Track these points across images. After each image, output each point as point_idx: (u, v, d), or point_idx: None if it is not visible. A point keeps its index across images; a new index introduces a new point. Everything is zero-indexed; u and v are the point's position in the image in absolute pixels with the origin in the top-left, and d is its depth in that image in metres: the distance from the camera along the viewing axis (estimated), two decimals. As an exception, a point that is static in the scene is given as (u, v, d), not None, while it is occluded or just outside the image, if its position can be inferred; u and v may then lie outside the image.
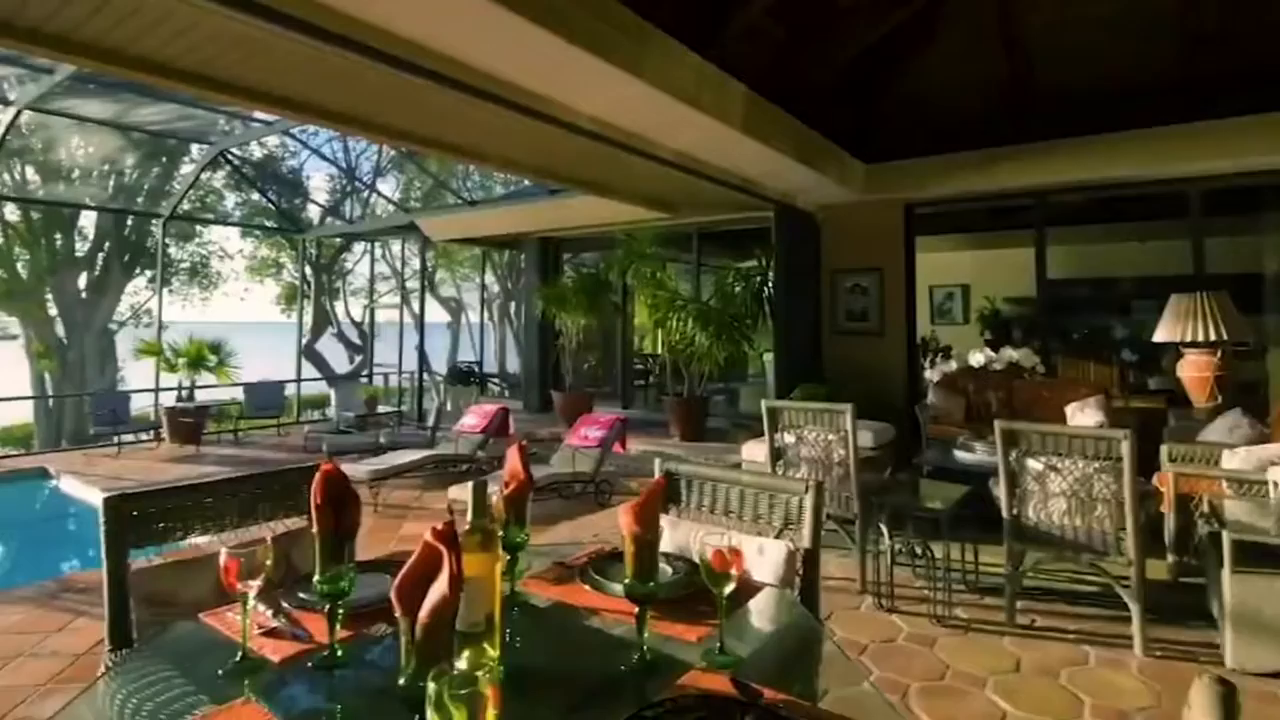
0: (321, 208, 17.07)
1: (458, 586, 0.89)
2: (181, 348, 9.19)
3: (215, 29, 3.79)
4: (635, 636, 1.32)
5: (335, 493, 1.27)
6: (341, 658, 1.24)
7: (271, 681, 1.20)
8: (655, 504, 1.25)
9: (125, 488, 5.51)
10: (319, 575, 1.24)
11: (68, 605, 3.69)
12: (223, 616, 1.41)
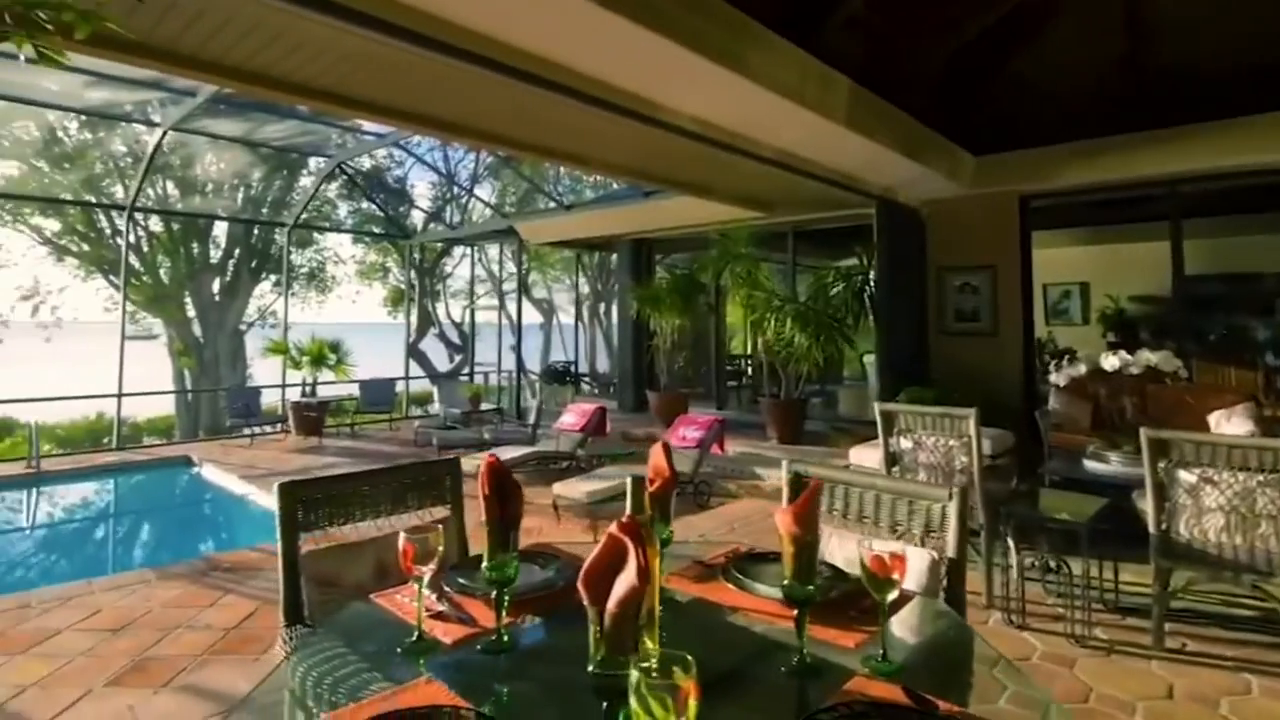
0: (425, 213, 17.93)
1: (646, 578, 0.91)
2: (305, 347, 9.88)
3: (345, 48, 4.05)
4: (785, 638, 1.31)
5: (499, 483, 1.33)
6: (507, 642, 1.29)
7: (446, 662, 1.26)
8: (815, 505, 1.23)
9: (259, 474, 5.97)
10: (487, 562, 1.29)
11: (216, 583, 4.03)
12: (392, 598, 1.50)
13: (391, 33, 3.39)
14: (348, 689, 1.26)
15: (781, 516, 1.22)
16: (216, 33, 3.95)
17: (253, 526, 5.94)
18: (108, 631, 3.37)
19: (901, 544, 1.79)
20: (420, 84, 4.74)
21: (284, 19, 3.59)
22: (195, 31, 3.90)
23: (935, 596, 1.70)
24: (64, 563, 5.78)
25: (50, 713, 2.63)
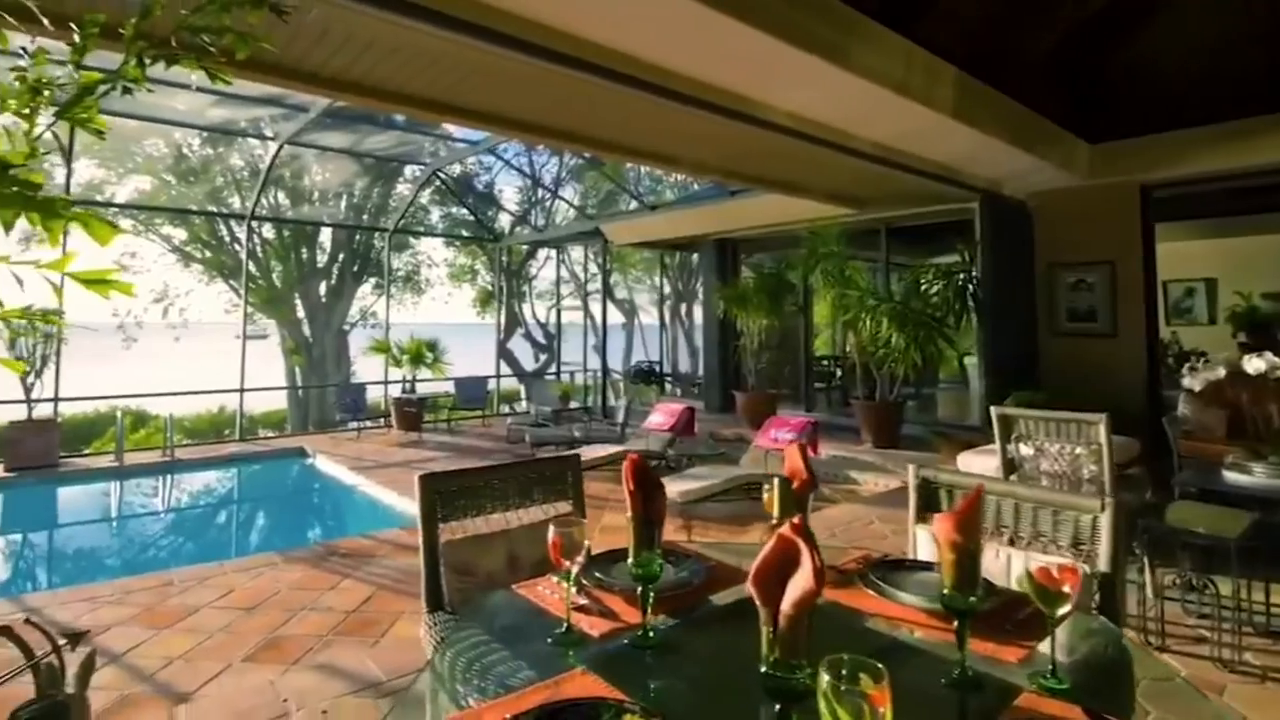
0: (513, 216, 18.44)
1: (822, 580, 0.89)
2: (404, 346, 10.36)
3: (452, 59, 4.21)
4: (935, 648, 1.26)
5: (643, 480, 1.34)
6: (654, 639, 1.30)
7: (596, 655, 1.28)
8: (978, 512, 1.18)
9: (367, 465, 6.28)
10: (632, 559, 1.31)
11: (335, 568, 4.28)
12: (533, 588, 1.54)
13: (495, 40, 3.49)
14: (496, 676, 1.30)
15: (941, 524, 1.17)
16: (337, 50, 4.19)
17: (362, 515, 6.28)
18: (242, 610, 3.63)
19: (1045, 556, 1.70)
20: (517, 90, 4.87)
21: (397, 33, 3.76)
22: (319, 50, 4.15)
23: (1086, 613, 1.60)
24: (191, 544, 6.28)
25: (196, 684, 2.85)
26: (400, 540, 4.81)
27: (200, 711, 2.41)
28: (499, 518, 1.94)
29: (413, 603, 3.71)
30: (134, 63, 1.75)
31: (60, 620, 3.41)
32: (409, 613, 3.58)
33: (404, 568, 4.25)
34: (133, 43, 1.72)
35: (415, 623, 3.45)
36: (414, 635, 3.30)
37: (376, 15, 3.28)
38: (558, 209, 19.02)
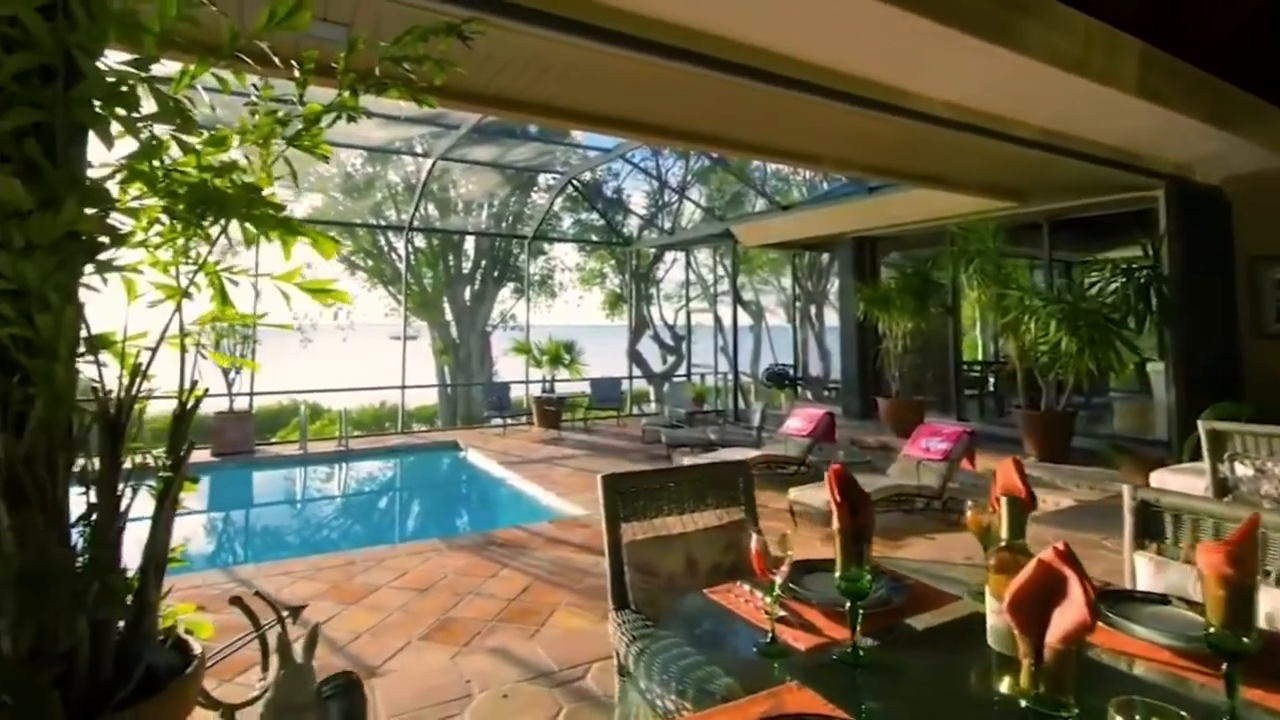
0: (641, 220, 18.75)
1: (1095, 612, 0.82)
2: (544, 347, 10.83)
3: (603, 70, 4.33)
4: (1189, 690, 1.13)
5: (849, 490, 1.30)
6: (863, 657, 1.26)
7: (804, 669, 1.26)
8: (1253, 544, 1.04)
9: (514, 460, 6.60)
10: (840, 573, 1.28)
11: (494, 557, 4.53)
12: (726, 595, 1.55)
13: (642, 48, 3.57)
14: (694, 680, 1.31)
15: (1209, 555, 1.04)
16: (500, 71, 4.44)
17: (512, 507, 6.62)
18: (415, 591, 3.93)
19: None
20: (660, 95, 4.93)
21: (554, 50, 3.92)
22: (485, 70, 4.42)
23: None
24: (365, 527, 6.88)
25: (381, 658, 3.12)
26: (549, 534, 5.02)
27: (391, 685, 2.63)
28: (675, 520, 1.96)
29: (567, 595, 3.86)
30: (349, 93, 1.93)
31: (264, 591, 3.85)
32: (564, 605, 3.73)
33: (556, 560, 4.44)
34: (345, 75, 1.90)
35: (571, 614, 3.59)
36: (572, 626, 3.43)
37: (540, 35, 3.45)
38: (683, 211, 19.15)
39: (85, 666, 1.52)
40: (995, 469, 1.48)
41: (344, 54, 1.83)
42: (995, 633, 1.18)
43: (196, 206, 1.72)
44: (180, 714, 1.70)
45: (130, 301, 1.88)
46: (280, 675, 1.87)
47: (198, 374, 1.91)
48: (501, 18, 3.14)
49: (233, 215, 1.76)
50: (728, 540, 1.97)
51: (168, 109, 1.54)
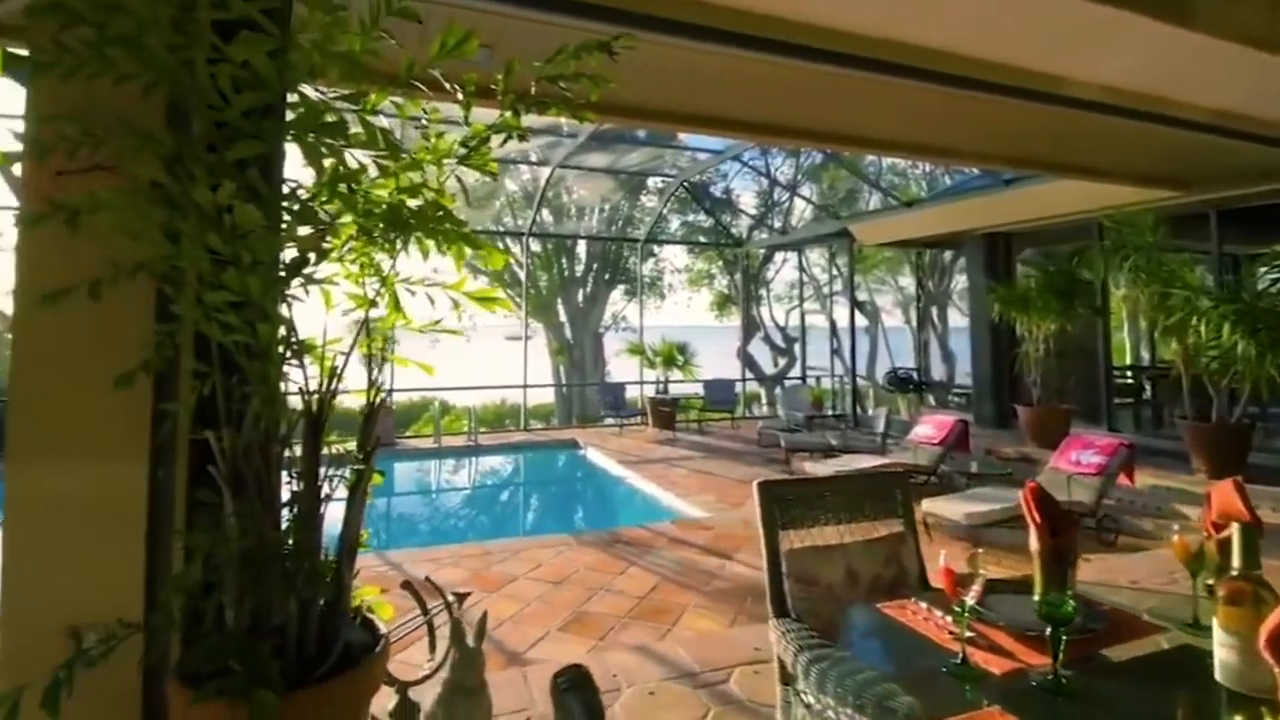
0: (752, 219, 18.55)
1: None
2: (657, 348, 10.95)
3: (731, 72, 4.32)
4: None
5: (1049, 509, 1.24)
6: (1066, 685, 1.19)
7: (1002, 694, 1.21)
8: None
9: (632, 460, 6.70)
10: (1039, 596, 1.21)
11: (621, 554, 4.63)
12: (901, 611, 1.51)
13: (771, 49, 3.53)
14: (873, 696, 1.29)
15: None
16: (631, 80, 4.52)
17: (633, 506, 6.75)
18: (550, 583, 4.08)
19: None
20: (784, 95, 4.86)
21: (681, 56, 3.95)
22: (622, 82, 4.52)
23: None
24: (496, 518, 7.22)
25: (523, 646, 3.27)
26: (672, 534, 5.07)
27: (542, 675, 2.74)
28: (832, 530, 1.93)
29: (695, 596, 3.88)
30: (510, 113, 2.03)
31: (413, 576, 4.13)
32: (693, 606, 3.76)
33: (681, 561, 4.47)
34: (505, 96, 2.00)
35: (701, 616, 3.61)
36: (704, 629, 3.45)
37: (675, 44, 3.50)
38: (794, 209, 18.76)
39: (294, 640, 1.69)
40: (1209, 491, 1.36)
41: (502, 75, 1.94)
42: (1228, 669, 1.09)
43: (388, 223, 1.87)
44: (371, 689, 1.86)
45: (328, 311, 2.08)
46: (454, 658, 2.01)
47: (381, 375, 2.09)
48: (646, 31, 3.22)
49: (420, 231, 1.90)
50: (888, 552, 1.92)
51: (373, 137, 1.70)
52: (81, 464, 1.89)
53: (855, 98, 4.86)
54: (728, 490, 6.42)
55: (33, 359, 1.87)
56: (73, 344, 1.88)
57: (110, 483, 1.89)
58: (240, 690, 1.51)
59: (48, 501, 1.85)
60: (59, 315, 1.85)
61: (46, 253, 1.82)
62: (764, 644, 2.96)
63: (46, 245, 1.82)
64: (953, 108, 4.92)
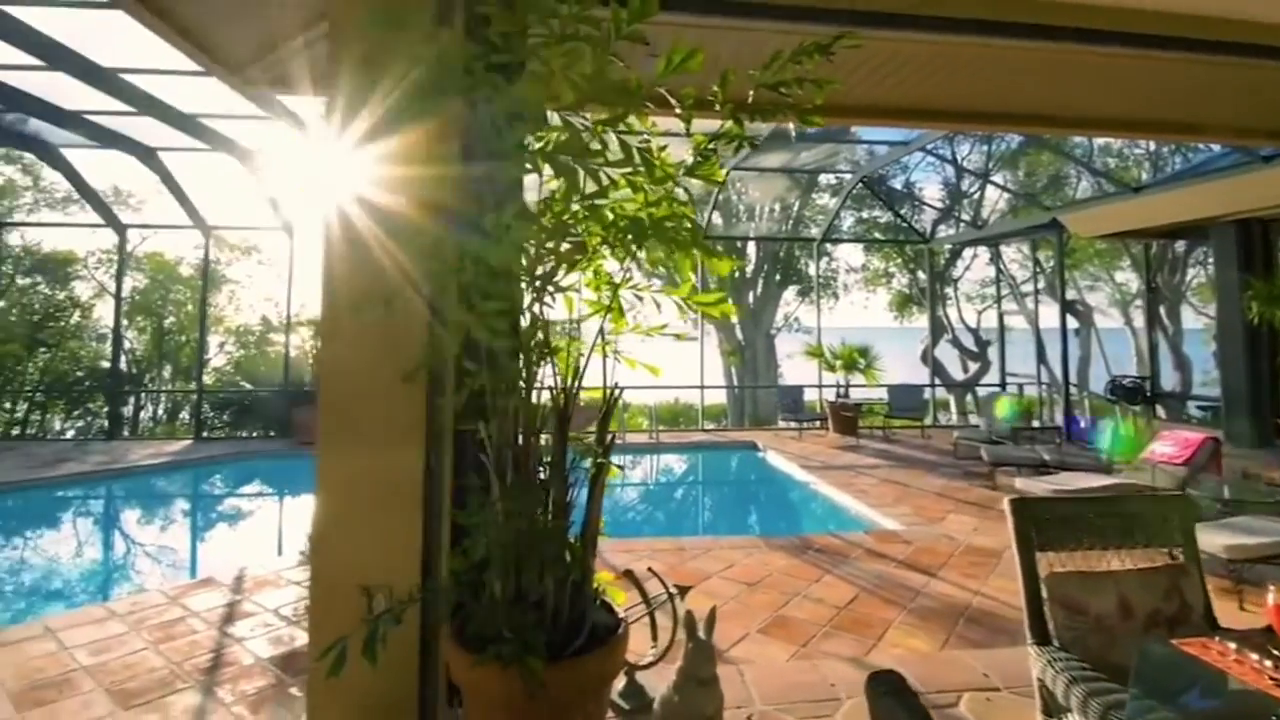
0: (937, 212, 17.34)
1: None
2: (837, 350, 10.58)
3: (945, 58, 4.07)
4: None
5: None
6: None
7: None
8: None
9: (815, 465, 6.53)
10: None
11: (813, 561, 4.54)
12: (1205, 650, 1.35)
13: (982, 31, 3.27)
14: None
15: None
16: (867, 77, 4.42)
17: (819, 513, 6.58)
18: (745, 584, 4.10)
19: None
20: (996, 79, 4.49)
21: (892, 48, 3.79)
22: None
23: None
24: (663, 515, 7.37)
25: (724, 645, 3.30)
26: (867, 544, 4.88)
27: (756, 674, 2.77)
28: (1097, 555, 1.76)
29: (899, 613, 3.71)
30: (732, 123, 2.06)
31: (614, 567, 4.34)
32: (898, 622, 3.59)
33: (879, 574, 4.29)
34: (724, 106, 2.03)
35: (908, 634, 3.44)
36: (914, 647, 3.28)
37: (885, 37, 3.37)
38: (985, 201, 17.23)
39: (549, 616, 1.86)
40: None
41: (718, 86, 1.98)
42: None
43: (634, 235, 1.99)
44: (616, 666, 1.99)
45: (570, 314, 2.27)
46: (688, 649, 2.10)
47: (612, 374, 2.23)
48: (858, 27, 3.14)
49: (659, 239, 2.00)
50: (1168, 584, 1.71)
51: (630, 156, 1.82)
52: (372, 450, 2.20)
53: (1073, 74, 4.38)
54: (924, 503, 6.05)
55: (337, 360, 2.20)
56: (368, 347, 2.20)
57: (394, 466, 2.19)
58: (513, 657, 1.69)
59: (347, 481, 2.18)
60: (358, 323, 2.19)
61: (349, 268, 2.15)
62: (994, 670, 2.77)
63: (348, 262, 2.15)
64: (1203, 77, 4.27)
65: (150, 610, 3.75)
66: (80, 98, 6.80)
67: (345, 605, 2.10)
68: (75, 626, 3.54)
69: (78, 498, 7.52)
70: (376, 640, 1.70)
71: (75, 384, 14.26)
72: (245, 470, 8.93)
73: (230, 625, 3.57)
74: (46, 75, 6.15)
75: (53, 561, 5.86)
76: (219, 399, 13.06)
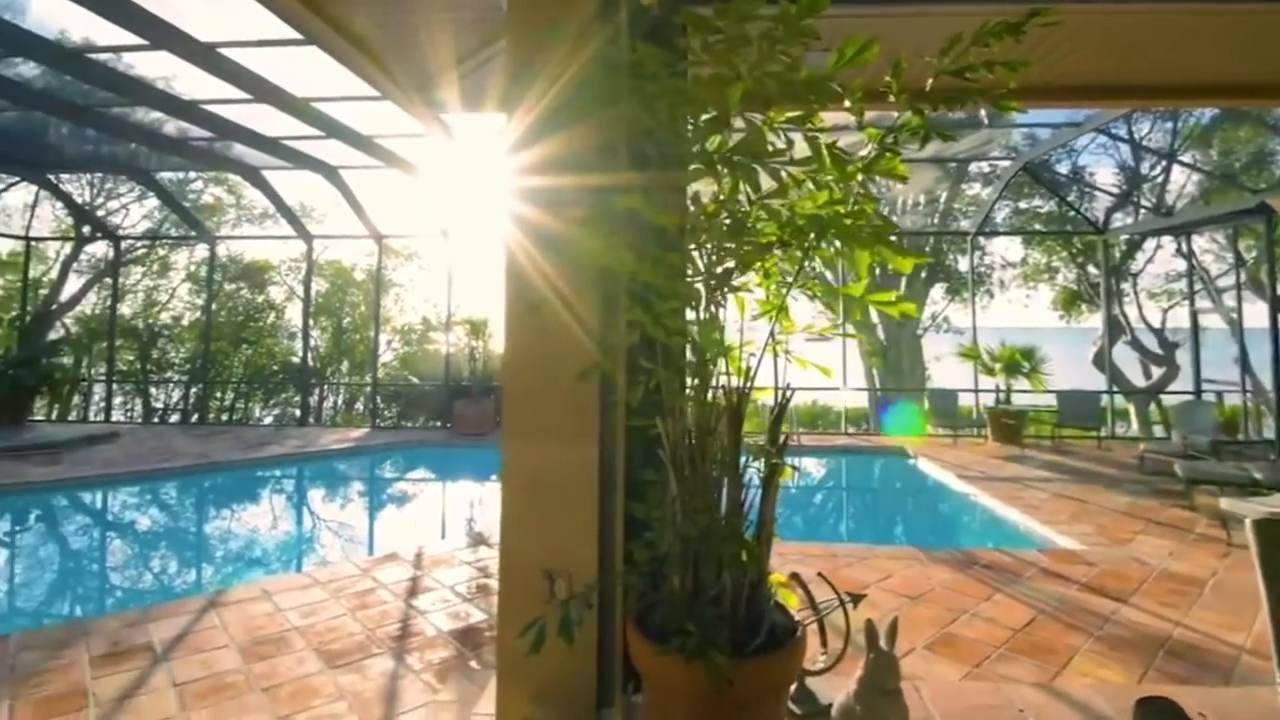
0: (1112, 199, 15.62)
1: None
2: (995, 353, 9.80)
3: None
4: None
5: None
6: None
7: None
8: None
9: (974, 476, 6.08)
10: None
11: (980, 577, 4.24)
12: None
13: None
14: None
15: None
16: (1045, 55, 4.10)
17: (981, 527, 6.15)
18: (906, 597, 3.92)
19: None
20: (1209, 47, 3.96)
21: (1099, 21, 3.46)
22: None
23: None
24: (804, 519, 7.16)
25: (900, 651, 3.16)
26: (1042, 564, 4.49)
27: (934, 694, 2.64)
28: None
29: (1085, 640, 3.39)
30: (910, 113, 1.96)
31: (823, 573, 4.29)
32: (1085, 650, 3.28)
33: (1059, 596, 3.94)
34: (900, 96, 1.93)
35: (1098, 664, 3.14)
36: (1107, 679, 3.00)
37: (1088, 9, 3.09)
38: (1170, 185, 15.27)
39: (727, 613, 1.87)
40: None
41: (890, 77, 1.88)
42: None
43: (815, 233, 1.96)
44: (796, 669, 1.97)
45: (741, 316, 2.27)
46: (869, 659, 2.04)
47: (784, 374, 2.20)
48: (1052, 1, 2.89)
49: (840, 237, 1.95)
50: None
51: (819, 154, 1.80)
52: (551, 443, 2.32)
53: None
54: (1106, 522, 5.47)
55: (518, 357, 2.33)
56: (546, 344, 2.31)
57: (571, 459, 2.29)
58: (695, 650, 1.72)
59: (529, 472, 2.31)
60: (537, 322, 2.31)
61: (527, 271, 2.28)
62: (1213, 709, 2.46)
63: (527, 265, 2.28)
64: None
65: (346, 580, 4.19)
66: (278, 125, 7.73)
67: (530, 587, 2.24)
68: (285, 591, 4.02)
69: (279, 476, 8.56)
70: (572, 624, 1.79)
71: (271, 376, 16.30)
72: (413, 457, 9.75)
73: (414, 598, 3.92)
74: (253, 107, 7.03)
75: (256, 531, 6.72)
76: (389, 391, 14.43)
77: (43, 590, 5.12)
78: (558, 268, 2.28)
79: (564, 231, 2.24)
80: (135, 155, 9.83)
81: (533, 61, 2.31)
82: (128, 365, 16.13)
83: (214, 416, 14.99)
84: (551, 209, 2.29)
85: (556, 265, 2.29)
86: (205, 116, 7.40)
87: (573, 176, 2.26)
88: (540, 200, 2.33)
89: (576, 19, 2.30)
